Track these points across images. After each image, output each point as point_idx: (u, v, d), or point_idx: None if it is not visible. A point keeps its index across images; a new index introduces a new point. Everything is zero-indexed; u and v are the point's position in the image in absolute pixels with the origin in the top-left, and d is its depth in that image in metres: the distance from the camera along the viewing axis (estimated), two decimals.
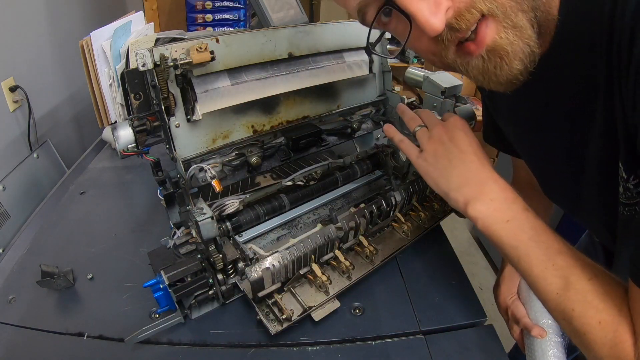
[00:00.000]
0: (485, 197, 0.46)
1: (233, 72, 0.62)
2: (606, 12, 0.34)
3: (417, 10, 0.35)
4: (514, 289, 0.69)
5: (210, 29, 1.55)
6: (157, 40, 0.91)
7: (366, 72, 0.79)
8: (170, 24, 1.61)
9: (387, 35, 0.74)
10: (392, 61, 2.84)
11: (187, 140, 0.60)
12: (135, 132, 0.56)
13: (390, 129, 0.58)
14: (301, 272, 0.59)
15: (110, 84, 1.00)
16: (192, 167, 0.59)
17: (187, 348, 0.57)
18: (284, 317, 0.55)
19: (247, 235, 0.65)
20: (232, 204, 0.62)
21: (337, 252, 0.62)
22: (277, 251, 0.56)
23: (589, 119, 0.40)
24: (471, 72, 0.40)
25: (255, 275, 0.53)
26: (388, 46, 0.78)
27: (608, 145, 0.39)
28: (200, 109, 0.59)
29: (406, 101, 0.79)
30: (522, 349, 0.64)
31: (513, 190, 0.46)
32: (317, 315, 0.58)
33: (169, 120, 0.57)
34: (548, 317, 0.62)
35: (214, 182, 0.57)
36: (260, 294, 0.55)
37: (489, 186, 0.46)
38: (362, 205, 0.66)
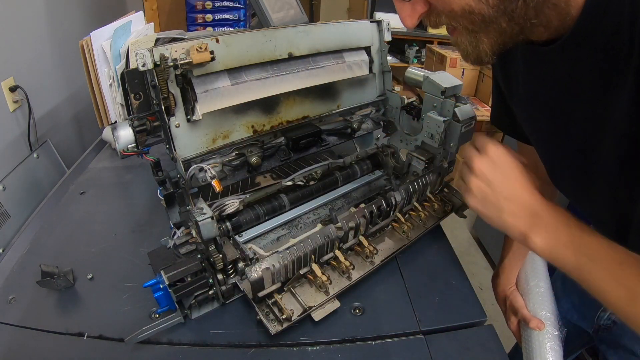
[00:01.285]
0: (540, 229, 0.47)
1: (233, 72, 0.62)
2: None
3: (399, 9, 0.46)
4: (513, 279, 0.69)
5: (210, 29, 1.55)
6: (157, 40, 0.92)
7: (366, 72, 0.79)
8: (170, 24, 1.61)
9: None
10: (392, 61, 2.84)
11: (187, 140, 0.60)
12: (135, 132, 0.56)
13: None
14: (301, 272, 0.59)
15: (110, 84, 1.00)
16: (192, 167, 0.59)
17: (187, 348, 0.57)
18: (284, 317, 0.55)
19: (247, 235, 0.66)
20: (232, 204, 0.62)
21: (337, 252, 0.62)
22: (277, 251, 0.56)
23: (611, 104, 0.41)
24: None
25: (255, 275, 0.53)
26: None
27: (632, 132, 0.39)
28: (200, 109, 0.59)
29: (406, 101, 0.79)
30: (518, 341, 0.64)
31: (564, 211, 0.48)
32: (317, 315, 0.58)
33: (169, 120, 0.57)
34: (547, 310, 0.61)
35: (214, 182, 0.57)
36: (260, 294, 0.55)
37: (540, 216, 0.48)
38: (362, 205, 0.66)
